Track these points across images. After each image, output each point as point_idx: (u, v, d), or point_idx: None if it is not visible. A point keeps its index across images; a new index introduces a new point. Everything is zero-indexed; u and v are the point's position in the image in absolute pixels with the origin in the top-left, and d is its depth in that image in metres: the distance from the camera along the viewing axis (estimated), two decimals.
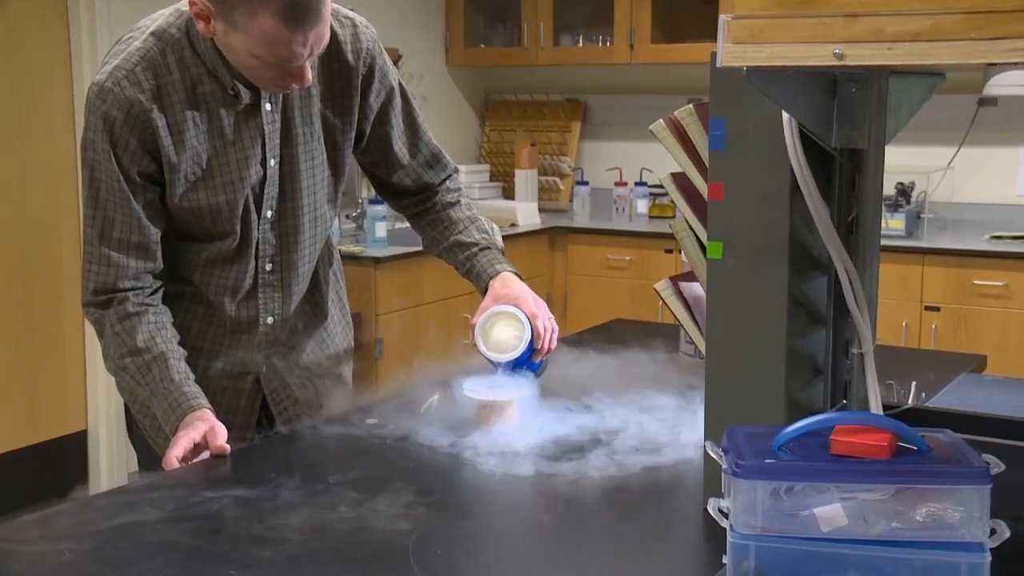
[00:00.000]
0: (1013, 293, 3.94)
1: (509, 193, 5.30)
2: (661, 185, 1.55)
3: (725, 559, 1.09)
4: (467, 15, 5.26)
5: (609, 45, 4.94)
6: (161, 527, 1.36)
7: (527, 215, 4.85)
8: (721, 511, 1.08)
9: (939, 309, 4.03)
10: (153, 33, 1.68)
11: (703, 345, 1.42)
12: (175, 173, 1.70)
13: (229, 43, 1.60)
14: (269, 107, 1.74)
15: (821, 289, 1.36)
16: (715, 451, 1.13)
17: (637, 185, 5.02)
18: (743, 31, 1.08)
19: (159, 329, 1.72)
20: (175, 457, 1.58)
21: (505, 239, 2.03)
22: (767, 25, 1.06)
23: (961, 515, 1.03)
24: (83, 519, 1.41)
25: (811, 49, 1.04)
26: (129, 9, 3.75)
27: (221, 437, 1.62)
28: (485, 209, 2.32)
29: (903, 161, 4.11)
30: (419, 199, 2.01)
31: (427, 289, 4.18)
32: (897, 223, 4.17)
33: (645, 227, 4.78)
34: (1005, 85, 3.80)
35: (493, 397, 1.73)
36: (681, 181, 1.46)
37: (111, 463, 4.08)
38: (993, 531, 1.03)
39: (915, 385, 1.81)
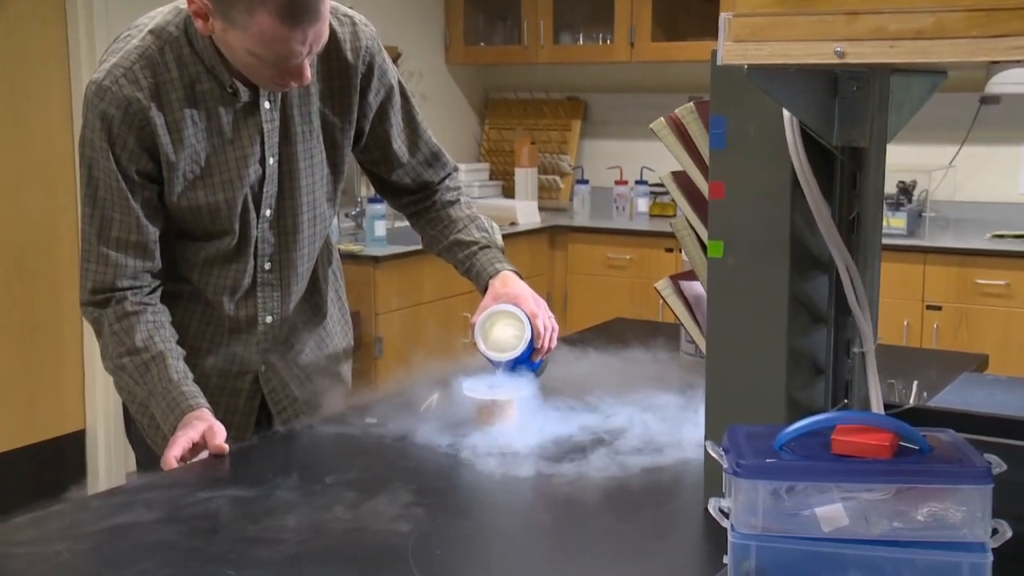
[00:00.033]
0: (1015, 292, 3.93)
1: (509, 192, 5.29)
2: (662, 184, 1.55)
3: (726, 559, 1.08)
4: (467, 13, 5.25)
5: (609, 43, 4.93)
6: (159, 527, 1.36)
7: (527, 214, 4.85)
8: (722, 511, 1.08)
9: (941, 308, 4.03)
10: (151, 31, 1.67)
11: (704, 344, 1.41)
12: (173, 172, 1.69)
13: (227, 41, 1.59)
14: (268, 105, 1.74)
15: (822, 288, 1.35)
16: (716, 450, 1.13)
17: (637, 184, 5.01)
18: (744, 29, 1.07)
19: (157, 328, 1.72)
20: (173, 457, 1.58)
21: (505, 238, 2.03)
22: (768, 23, 1.06)
23: (963, 515, 1.03)
24: (81, 519, 1.40)
25: (812, 47, 1.04)
26: (127, 7, 3.75)
27: (220, 437, 1.62)
28: (485, 208, 2.32)
29: (904, 159, 4.10)
30: (418, 198, 2.01)
31: (426, 288, 4.18)
32: (898, 222, 4.16)
33: (645, 226, 4.77)
34: (1007, 83, 3.79)
35: (493, 396, 1.72)
36: (682, 179, 1.46)
37: (109, 463, 4.08)
38: (995, 531, 1.02)
39: (916, 384, 1.81)
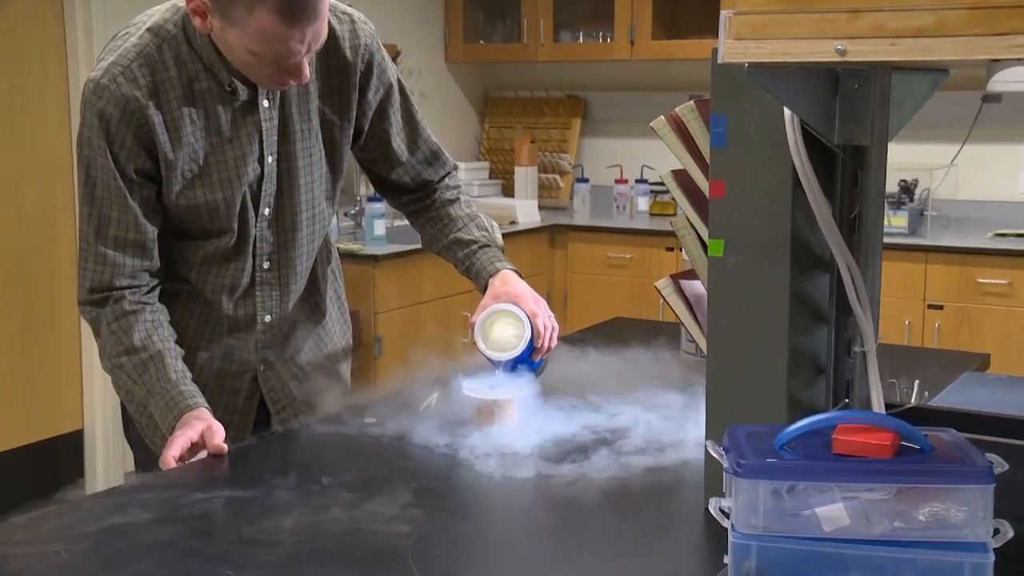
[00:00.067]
0: (1017, 291, 3.92)
1: (509, 190, 5.29)
2: (662, 182, 1.54)
3: (726, 559, 1.08)
4: (466, 11, 5.25)
5: (610, 41, 4.93)
6: (157, 527, 1.35)
7: (527, 213, 4.84)
8: (722, 511, 1.08)
9: (942, 307, 4.02)
10: (149, 29, 1.67)
11: (704, 343, 1.41)
12: (172, 170, 1.69)
13: (226, 39, 1.59)
14: (267, 104, 1.73)
15: (823, 287, 1.35)
16: (716, 450, 1.13)
17: (638, 182, 5.01)
18: (744, 27, 1.07)
19: (156, 327, 1.72)
20: (172, 456, 1.57)
21: (505, 237, 2.03)
22: (769, 21, 1.06)
23: (964, 515, 1.03)
24: (79, 519, 1.40)
25: (813, 45, 1.04)
26: (125, 5, 3.74)
27: (218, 436, 1.61)
28: (484, 207, 2.31)
29: (906, 158, 4.10)
30: (418, 196, 2.00)
31: (426, 287, 4.17)
32: (900, 221, 4.16)
33: (646, 225, 4.77)
34: (1009, 81, 3.78)
35: (493, 396, 1.72)
36: (682, 178, 1.46)
37: (107, 463, 4.07)
38: (996, 531, 1.02)
39: (918, 384, 1.81)
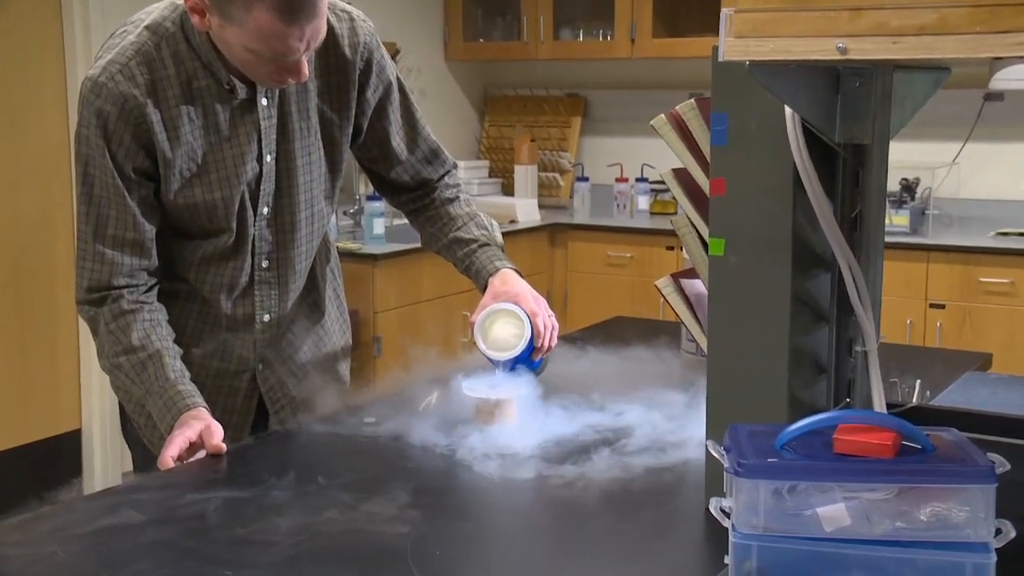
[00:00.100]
0: (1019, 291, 3.91)
1: (508, 189, 5.28)
2: (662, 181, 1.54)
3: (727, 559, 1.08)
4: (466, 9, 5.24)
5: (610, 39, 4.92)
6: (155, 527, 1.35)
7: (527, 211, 4.84)
8: (723, 511, 1.07)
9: (944, 307, 4.01)
10: (148, 27, 1.66)
11: (705, 343, 1.41)
12: (170, 169, 1.68)
13: (224, 37, 1.58)
14: (265, 102, 1.73)
15: (824, 286, 1.35)
16: (717, 450, 1.12)
17: (638, 181, 5.00)
18: (745, 25, 1.07)
19: (154, 327, 1.71)
20: (170, 456, 1.57)
21: (504, 236, 2.02)
22: (770, 19, 1.05)
23: (966, 515, 1.02)
24: (76, 519, 1.39)
25: (814, 43, 1.04)
26: (123, 3, 3.73)
27: (217, 436, 1.61)
28: (484, 205, 2.31)
29: (907, 157, 4.09)
30: (417, 195, 2.00)
31: (426, 286, 4.17)
32: (901, 220, 4.15)
33: (646, 223, 4.77)
34: (1011, 79, 3.77)
35: (492, 396, 1.71)
36: (682, 177, 1.45)
37: (105, 462, 4.06)
38: (998, 531, 1.02)
39: (919, 383, 1.80)
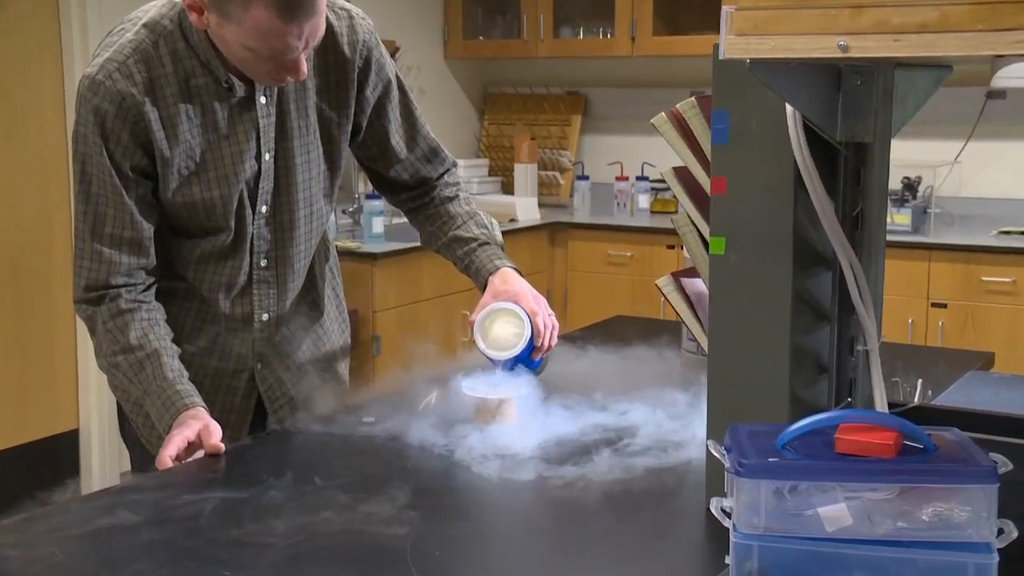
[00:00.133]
0: (1021, 290, 3.90)
1: (508, 188, 5.28)
2: (663, 179, 1.54)
3: (728, 559, 1.07)
4: (465, 7, 5.23)
5: (610, 37, 4.92)
6: (154, 527, 1.35)
7: (526, 210, 4.84)
8: (724, 511, 1.07)
9: (946, 306, 4.00)
10: (145, 25, 1.66)
11: (706, 342, 1.40)
12: (168, 167, 1.68)
13: (223, 35, 1.58)
14: (264, 100, 1.72)
15: (825, 285, 1.35)
16: (718, 449, 1.12)
17: (638, 180, 5.00)
18: (746, 23, 1.06)
19: (152, 326, 1.71)
20: (169, 456, 1.56)
21: (504, 234, 2.02)
22: (771, 16, 1.05)
23: (968, 515, 1.02)
24: (74, 519, 1.39)
25: (815, 41, 1.03)
26: (121, 2, 3.72)
27: (215, 436, 1.60)
28: (484, 204, 2.30)
29: (909, 155, 4.08)
30: (417, 194, 1.99)
31: (425, 285, 4.16)
32: (903, 218, 4.14)
33: (646, 222, 4.76)
34: (1013, 77, 3.76)
35: (492, 395, 1.71)
36: (683, 175, 1.45)
37: (103, 462, 4.06)
38: (1000, 531, 1.01)
39: (921, 383, 1.79)
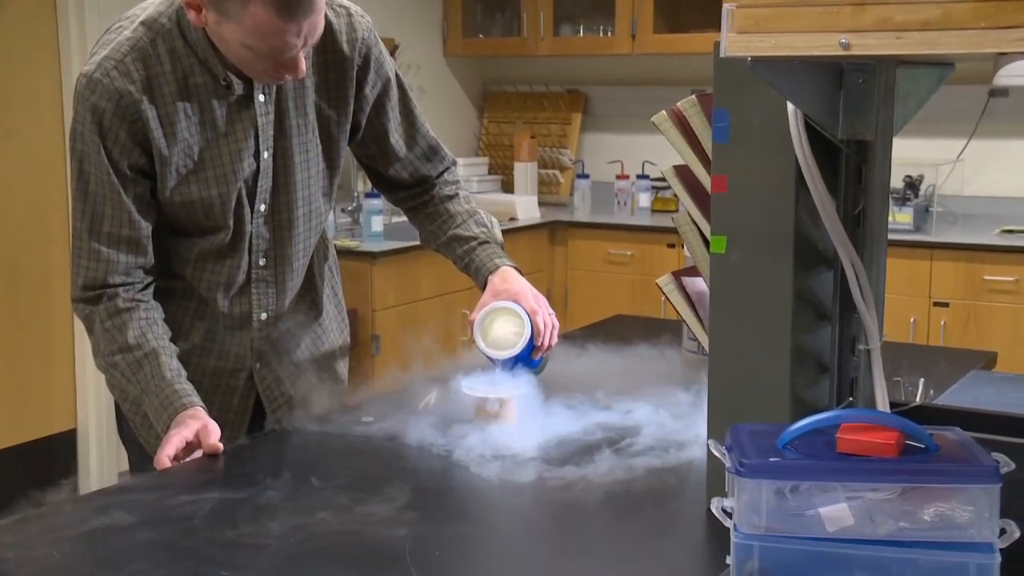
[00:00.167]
0: None
1: (508, 186, 5.27)
2: (663, 178, 1.54)
3: (729, 559, 1.07)
4: (465, 4, 5.23)
5: (610, 35, 4.91)
6: (152, 527, 1.34)
7: (526, 209, 4.83)
8: (725, 511, 1.07)
9: (948, 305, 4.00)
10: (143, 22, 1.65)
11: (706, 341, 1.40)
12: (166, 166, 1.67)
13: (221, 33, 1.57)
14: (262, 98, 1.72)
15: (827, 284, 1.34)
16: (719, 449, 1.12)
17: (639, 178, 4.99)
18: (747, 20, 1.06)
19: (150, 325, 1.70)
20: (167, 456, 1.56)
21: (504, 233, 2.02)
22: (772, 14, 1.05)
23: (970, 515, 1.02)
24: (72, 519, 1.39)
25: (817, 39, 1.03)
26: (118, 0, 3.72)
27: (214, 435, 1.60)
28: (483, 203, 2.30)
29: (911, 153, 4.07)
30: (416, 192, 1.99)
31: (425, 284, 4.16)
32: (905, 217, 4.13)
33: (647, 221, 4.76)
34: (1016, 75, 3.74)
35: (492, 395, 1.71)
36: (684, 174, 1.45)
37: (101, 462, 4.05)
38: (1003, 531, 1.01)
39: (923, 382, 1.79)
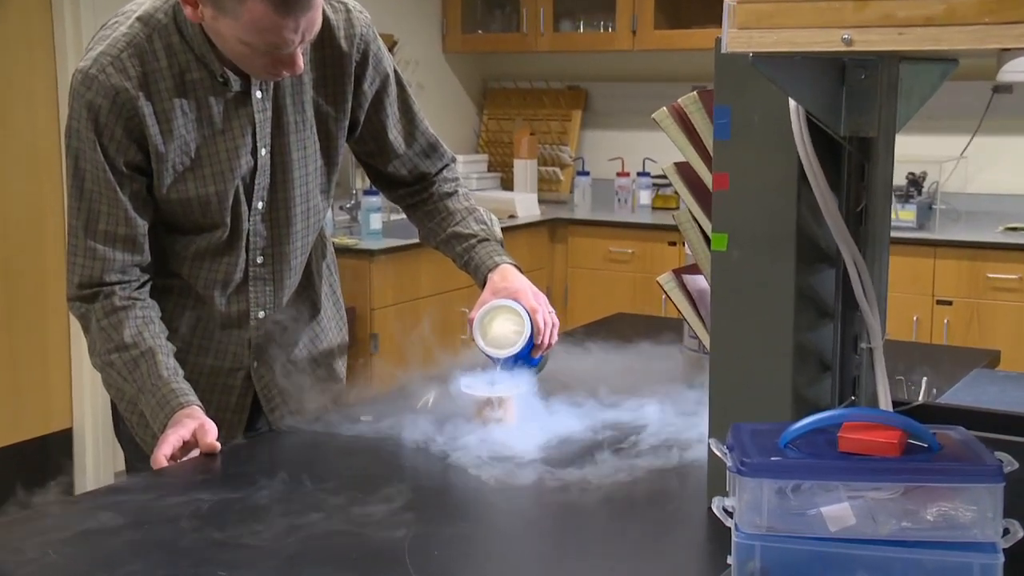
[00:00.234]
0: None
1: (508, 184, 5.27)
2: (664, 175, 1.53)
3: (730, 559, 1.07)
4: (464, 0, 5.22)
5: (611, 31, 4.90)
6: (149, 527, 1.34)
7: (526, 206, 4.83)
8: (726, 510, 1.07)
9: (951, 303, 3.99)
10: (139, 18, 1.64)
11: (707, 340, 1.40)
12: (163, 163, 1.67)
13: (218, 29, 1.57)
14: (260, 95, 1.71)
15: (829, 282, 1.34)
16: (720, 448, 1.12)
17: (640, 175, 4.99)
18: (749, 16, 1.05)
19: (147, 324, 1.69)
20: (163, 455, 1.55)
21: (504, 231, 2.01)
22: (774, 10, 1.04)
23: (973, 514, 1.01)
24: (68, 519, 1.38)
25: (819, 34, 1.03)
26: None
27: (211, 435, 1.59)
28: (483, 200, 2.29)
29: (914, 150, 4.07)
30: (415, 189, 1.98)
31: (424, 282, 4.15)
32: (908, 214, 4.13)
33: (648, 219, 4.75)
34: (1020, 71, 3.74)
35: (492, 393, 1.70)
36: (685, 171, 1.45)
37: (97, 461, 4.04)
38: (1006, 531, 1.01)
39: (926, 381, 1.79)
